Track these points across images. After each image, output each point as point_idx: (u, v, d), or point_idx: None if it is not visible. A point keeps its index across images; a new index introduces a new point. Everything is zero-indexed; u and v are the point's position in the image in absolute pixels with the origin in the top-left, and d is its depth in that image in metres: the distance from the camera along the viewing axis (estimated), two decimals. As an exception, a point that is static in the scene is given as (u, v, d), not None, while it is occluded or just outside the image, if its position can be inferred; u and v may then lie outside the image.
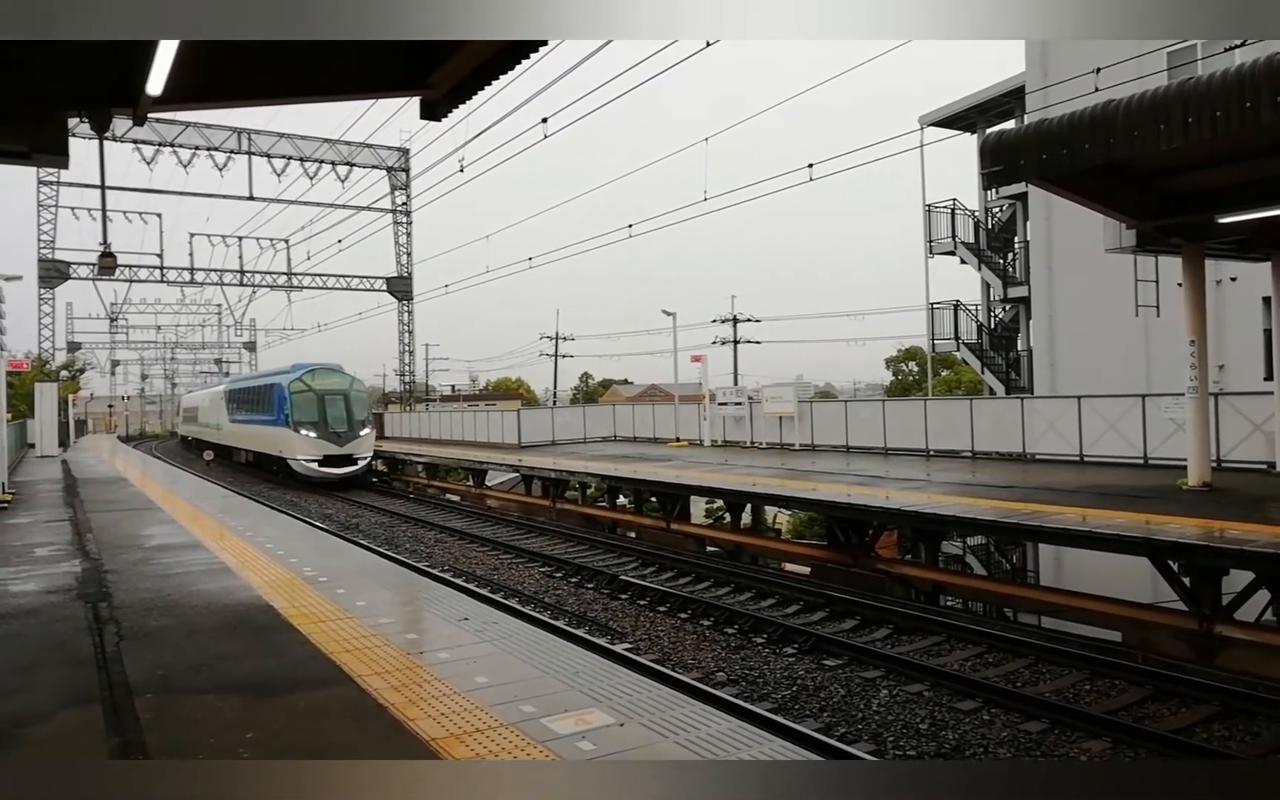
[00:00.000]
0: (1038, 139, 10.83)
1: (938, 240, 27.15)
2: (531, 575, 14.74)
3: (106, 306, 58.69)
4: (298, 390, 30.36)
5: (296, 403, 30.07)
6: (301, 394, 30.31)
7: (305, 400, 30.18)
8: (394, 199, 43.37)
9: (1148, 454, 16.17)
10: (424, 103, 8.49)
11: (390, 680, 5.47)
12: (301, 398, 30.25)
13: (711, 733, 4.56)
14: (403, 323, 44.73)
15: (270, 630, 6.74)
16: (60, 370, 48.79)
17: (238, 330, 65.26)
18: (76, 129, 14.27)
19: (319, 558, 9.90)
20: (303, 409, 29.96)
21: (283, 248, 42.08)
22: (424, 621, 7.17)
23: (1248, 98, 8.93)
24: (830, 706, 8.34)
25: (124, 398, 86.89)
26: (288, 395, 30.26)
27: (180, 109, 13.89)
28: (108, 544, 11.07)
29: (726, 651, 10.15)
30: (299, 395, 30.25)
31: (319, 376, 31.18)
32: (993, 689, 8.58)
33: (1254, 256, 14.55)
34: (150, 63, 6.40)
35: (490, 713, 4.89)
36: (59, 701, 5.23)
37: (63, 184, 38.44)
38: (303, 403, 30.14)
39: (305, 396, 30.27)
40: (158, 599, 7.85)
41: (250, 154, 37.90)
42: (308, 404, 30.12)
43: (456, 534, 19.22)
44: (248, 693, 5.30)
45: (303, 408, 30.01)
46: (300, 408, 29.99)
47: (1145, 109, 9.73)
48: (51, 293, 40.68)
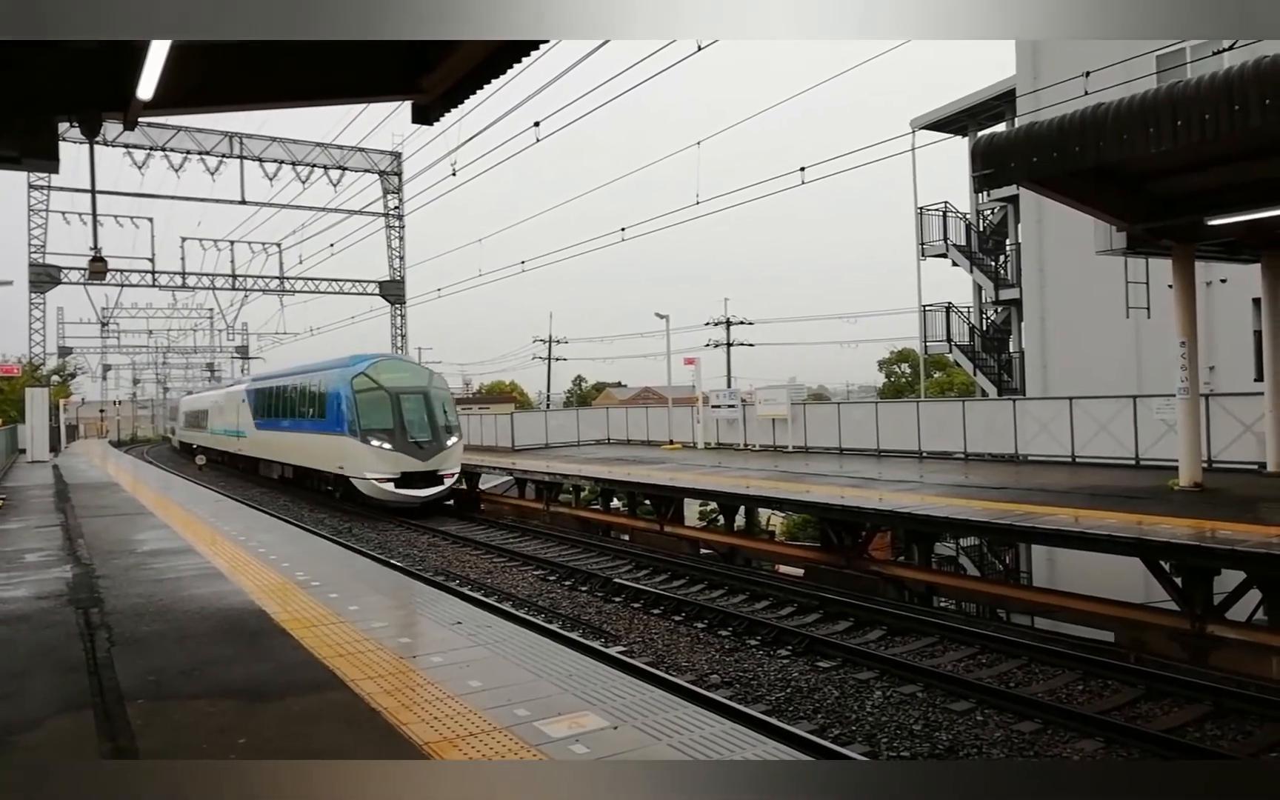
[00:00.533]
0: (1028, 142, 10.87)
1: (930, 243, 27.23)
2: (525, 578, 14.73)
3: (98, 311, 58.61)
4: (363, 388, 23.31)
5: (362, 404, 23.07)
6: (369, 393, 23.27)
7: (374, 401, 23.18)
8: (386, 203, 43.31)
9: (1139, 455, 16.23)
10: (416, 107, 8.50)
11: (383, 684, 5.46)
12: (369, 398, 23.23)
13: (705, 735, 4.57)
14: (395, 327, 44.65)
15: (263, 635, 6.72)
16: (51, 375, 48.60)
17: (230, 334, 65.16)
18: (67, 133, 14.21)
19: (312, 562, 9.87)
20: (371, 412, 23.00)
21: (275, 252, 41.97)
22: (417, 625, 7.16)
23: (1236, 101, 8.98)
24: (824, 708, 8.35)
25: (115, 402, 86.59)
26: (350, 394, 23.27)
27: (171, 113, 13.83)
28: (99, 549, 11.02)
29: (720, 654, 10.15)
30: (365, 395, 23.23)
31: (387, 370, 24.28)
32: (986, 690, 8.60)
33: (1243, 258, 14.63)
34: (141, 67, 6.39)
35: (484, 716, 4.88)
36: (50, 708, 5.21)
37: (53, 188, 38.28)
38: (371, 404, 23.15)
39: (374, 396, 23.23)
40: (149, 604, 7.82)
41: (242, 158, 37.80)
42: (377, 406, 23.12)
43: (450, 538, 19.20)
44: (240, 698, 5.28)
45: (371, 411, 23.04)
46: (368, 411, 23.02)
47: (1134, 112, 9.78)
48: (42, 297, 40.48)
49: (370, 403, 23.18)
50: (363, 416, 22.89)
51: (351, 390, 23.42)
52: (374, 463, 22.54)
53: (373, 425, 22.78)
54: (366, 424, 22.78)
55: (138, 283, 40.50)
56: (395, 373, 24.35)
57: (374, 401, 23.22)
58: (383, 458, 22.47)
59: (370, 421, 22.85)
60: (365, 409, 23.05)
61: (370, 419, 22.89)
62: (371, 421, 22.86)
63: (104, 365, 75.86)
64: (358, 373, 23.70)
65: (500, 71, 7.62)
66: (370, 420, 22.86)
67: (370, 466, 22.58)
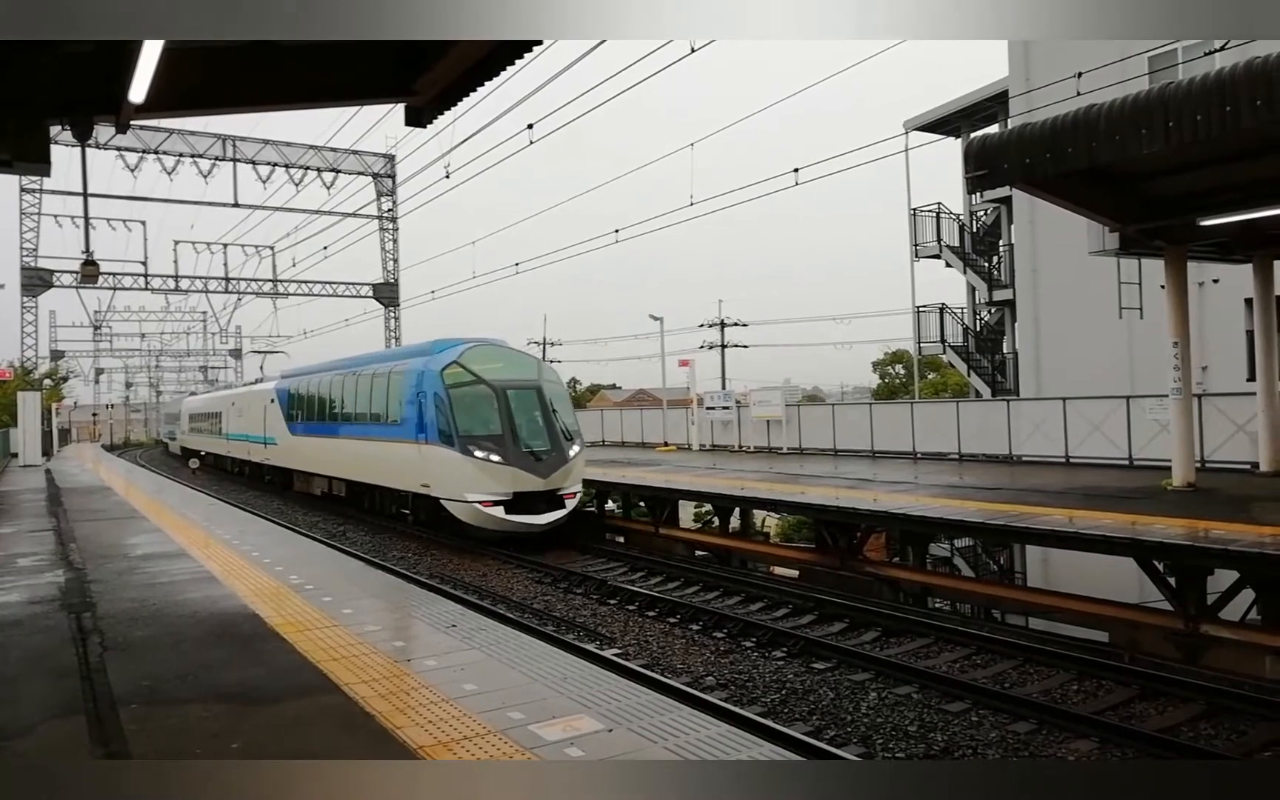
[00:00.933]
0: (1021, 143, 10.90)
1: (923, 244, 27.28)
2: (520, 580, 14.70)
3: (90, 314, 58.41)
4: (459, 382, 17.65)
5: (459, 403, 17.39)
6: (466, 389, 17.65)
7: (474, 399, 17.58)
8: (380, 205, 43.26)
9: (1133, 455, 16.28)
10: (409, 109, 8.51)
11: (377, 688, 5.45)
12: (467, 395, 17.60)
13: (701, 738, 4.56)
14: (389, 329, 44.59)
15: (256, 639, 6.70)
16: (43, 379, 48.43)
17: (223, 337, 65.05)
18: (59, 137, 14.15)
19: (305, 566, 9.84)
20: (473, 414, 17.38)
21: (268, 254, 41.93)
22: (411, 628, 7.14)
23: (1228, 102, 9.02)
24: (820, 710, 8.35)
25: (108, 406, 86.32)
26: (441, 391, 17.48)
27: (164, 116, 13.79)
28: (92, 553, 10.98)
29: (715, 655, 10.15)
30: (462, 391, 17.58)
31: (485, 358, 18.50)
32: (981, 690, 8.60)
33: (1236, 259, 14.68)
34: (133, 70, 6.37)
35: (478, 720, 4.87)
36: (42, 713, 5.18)
37: (45, 192, 38.20)
38: (471, 403, 17.54)
39: (473, 394, 17.63)
40: (142, 609, 7.79)
41: (235, 161, 37.73)
42: (479, 406, 17.53)
43: (443, 540, 19.16)
44: (233, 702, 5.26)
45: (472, 412, 17.42)
46: (468, 412, 17.38)
47: (1127, 113, 9.81)
48: (34, 301, 40.37)
49: (470, 402, 17.52)
50: (461, 420, 17.14)
51: (443, 385, 17.50)
52: (478, 481, 16.70)
53: (475, 431, 17.04)
54: (467, 429, 17.03)
55: (130, 286, 40.47)
56: (496, 362, 18.56)
57: (475, 400, 17.55)
58: (491, 474, 16.65)
59: (472, 426, 17.12)
60: (464, 410, 17.33)
61: (471, 423, 17.17)
62: (474, 426, 17.14)
63: (96, 369, 75.58)
64: (448, 363, 17.90)
65: (493, 74, 7.63)
66: (472, 424, 17.15)
67: (473, 485, 16.72)
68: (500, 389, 17.55)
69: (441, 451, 17.36)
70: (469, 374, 17.85)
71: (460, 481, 16.94)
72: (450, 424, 17.16)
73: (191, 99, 8.02)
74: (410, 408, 18.62)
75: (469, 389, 17.68)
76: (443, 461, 17.35)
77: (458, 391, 17.55)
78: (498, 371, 18.16)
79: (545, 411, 17.79)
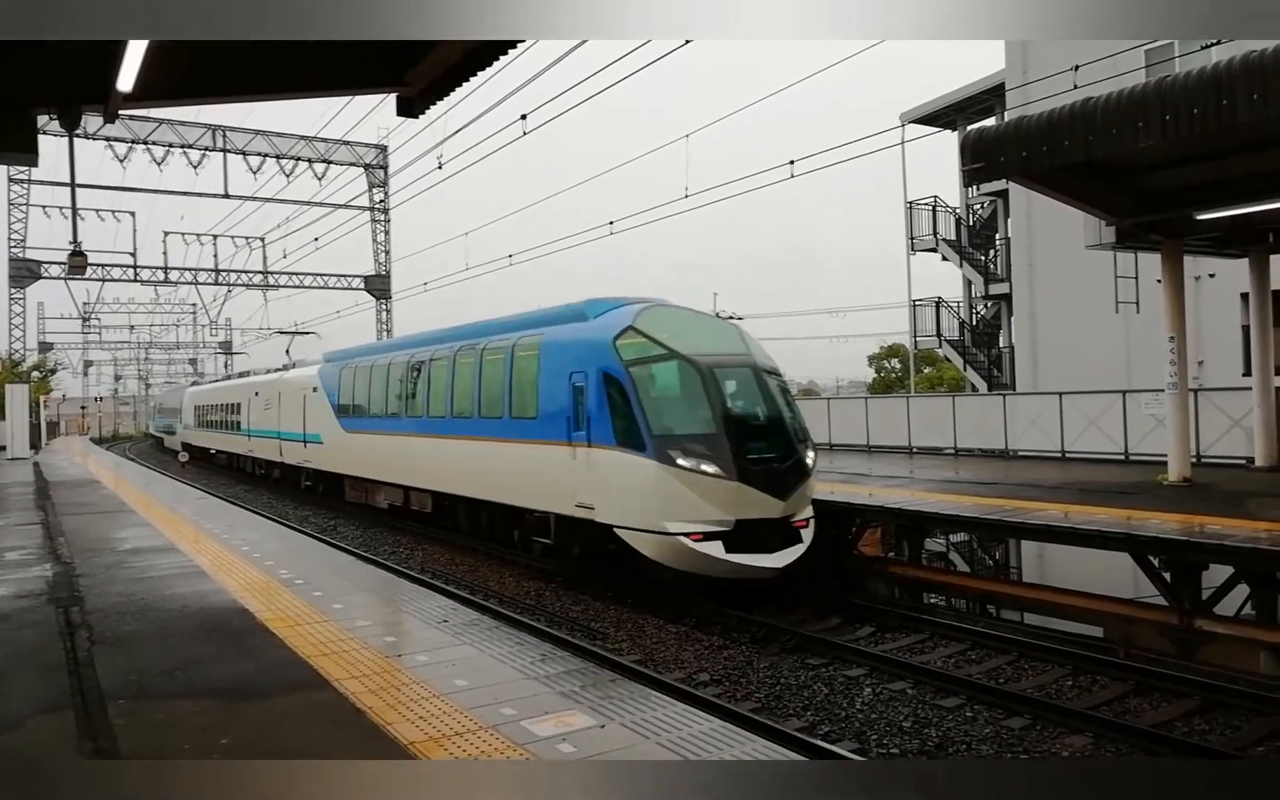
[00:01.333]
0: (1018, 136, 10.86)
1: (919, 237, 27.27)
2: (512, 576, 14.64)
3: (79, 306, 58.12)
4: (640, 356, 12.15)
5: (646, 387, 11.90)
6: (652, 365, 12.15)
7: (668, 382, 12.23)
8: (372, 196, 43.08)
9: (1129, 449, 16.29)
10: (400, 100, 8.42)
11: (368, 683, 5.39)
12: (656, 375, 12.17)
13: (693, 733, 4.51)
14: (381, 322, 44.42)
15: (245, 634, 6.63)
16: (32, 371, 48.17)
17: (213, 330, 64.75)
18: (46, 127, 14.05)
19: (296, 560, 9.77)
20: (668, 403, 11.96)
21: (258, 246, 41.71)
22: (402, 624, 7.08)
23: (1224, 95, 9.00)
24: (814, 705, 8.31)
25: (97, 399, 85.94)
26: (615, 367, 12.07)
27: (153, 106, 13.65)
28: (80, 547, 10.88)
29: (710, 651, 10.10)
30: (647, 369, 12.09)
31: (669, 322, 12.91)
32: (975, 686, 8.58)
33: (1231, 253, 14.68)
34: (121, 59, 6.28)
35: (470, 716, 4.81)
36: (30, 708, 5.12)
37: (33, 182, 37.92)
38: (663, 387, 12.19)
39: (665, 374, 12.24)
40: (131, 603, 7.71)
41: (225, 151, 37.50)
42: (678, 392, 12.15)
43: (435, 536, 19.08)
44: (222, 697, 5.20)
45: (668, 400, 12.01)
46: (661, 400, 11.93)
47: (1123, 106, 9.78)
48: (22, 292, 40.10)
49: (665, 386, 12.12)
50: (654, 413, 11.55)
51: (619, 361, 11.97)
52: (684, 503, 11.15)
53: (677, 429, 11.50)
54: (665, 427, 11.47)
55: (119, 277, 40.19)
56: (688, 329, 12.77)
57: (671, 383, 12.15)
58: (706, 493, 11.11)
59: (672, 422, 11.59)
60: (657, 398, 11.83)
61: (671, 417, 11.66)
62: (674, 422, 11.60)
63: (85, 361, 75.20)
64: (622, 329, 12.36)
65: (486, 65, 7.55)
66: (672, 420, 11.62)
67: (675, 509, 11.15)
68: (707, 369, 11.74)
69: (621, 458, 11.63)
70: (656, 346, 12.06)
71: (654, 503, 11.23)
72: (637, 418, 11.43)
73: (181, 88, 7.93)
74: (561, 394, 12.68)
75: (660, 367, 12.01)
76: (623, 473, 11.63)
77: (643, 370, 11.81)
78: (695, 343, 12.22)
79: (770, 402, 12.13)
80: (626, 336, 12.16)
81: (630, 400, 11.59)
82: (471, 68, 7.63)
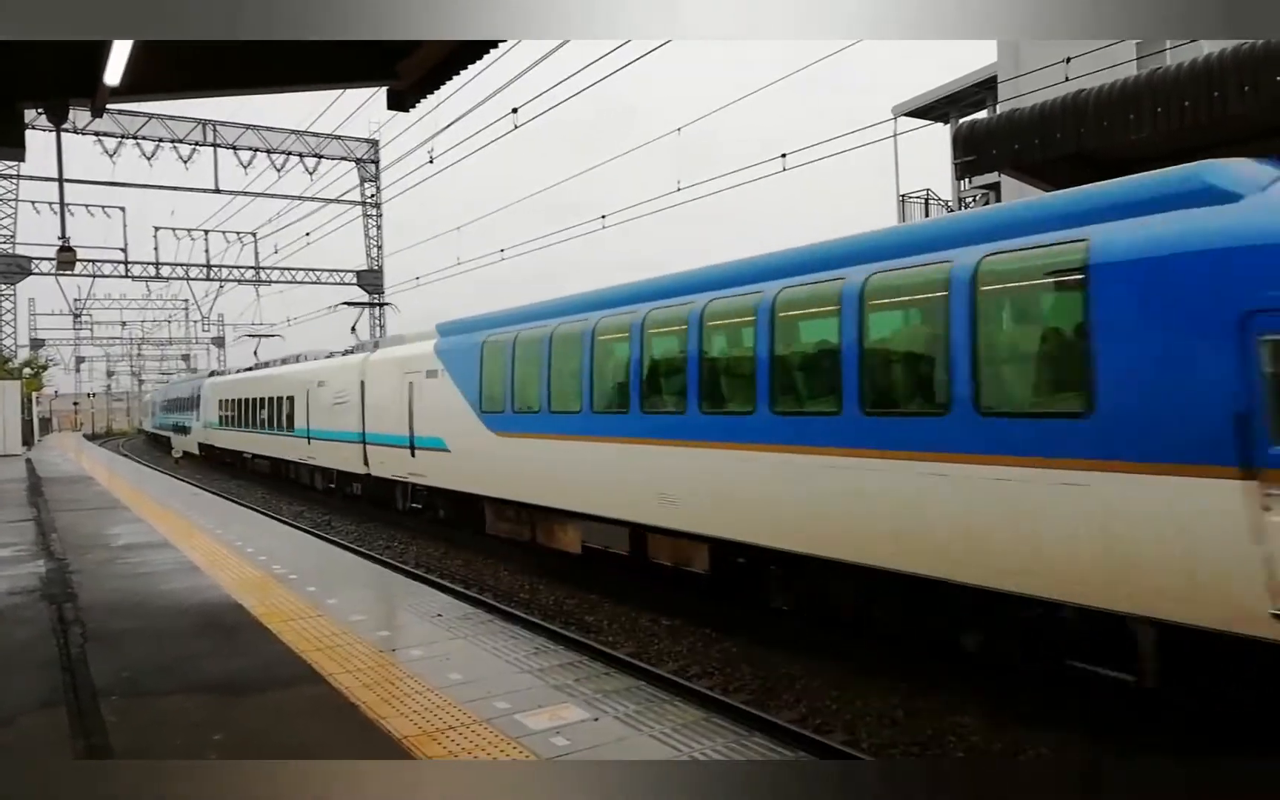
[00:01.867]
0: (1010, 129, 10.88)
1: (910, 231, 27.29)
2: (506, 570, 14.64)
3: (70, 302, 57.93)
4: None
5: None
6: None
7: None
8: (363, 191, 42.95)
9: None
10: (391, 93, 8.41)
11: (362, 678, 5.39)
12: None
13: (685, 723, 4.54)
14: (374, 316, 44.34)
15: (240, 629, 6.64)
16: (23, 367, 47.97)
17: (205, 325, 64.57)
18: (35, 121, 13.97)
19: (290, 556, 9.77)
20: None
21: (250, 241, 41.57)
22: (396, 618, 7.09)
23: (1215, 88, 9.02)
24: (806, 696, 8.33)
25: (89, 395, 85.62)
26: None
27: (141, 100, 13.61)
28: (73, 544, 10.86)
29: (704, 644, 10.12)
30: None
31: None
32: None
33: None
34: (108, 53, 6.26)
35: (463, 710, 4.83)
36: (23, 704, 5.11)
37: (23, 177, 37.71)
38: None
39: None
40: (124, 599, 7.71)
41: (216, 146, 37.33)
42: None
43: (430, 531, 19.09)
44: (216, 693, 5.20)
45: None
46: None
47: (1115, 99, 9.80)
48: (13, 288, 39.94)
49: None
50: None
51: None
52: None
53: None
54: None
55: (110, 273, 40.02)
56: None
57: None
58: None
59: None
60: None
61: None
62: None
63: (77, 357, 74.90)
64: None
65: (476, 58, 7.55)
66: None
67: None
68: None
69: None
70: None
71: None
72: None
73: (169, 82, 7.90)
74: (1198, 365, 6.05)
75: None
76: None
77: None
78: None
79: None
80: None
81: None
82: (463, 60, 7.63)
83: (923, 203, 27.10)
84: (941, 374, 7.61)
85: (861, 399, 8.23)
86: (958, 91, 26.70)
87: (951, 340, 7.44)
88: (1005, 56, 22.38)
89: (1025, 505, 6.85)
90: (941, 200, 27.57)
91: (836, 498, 8.48)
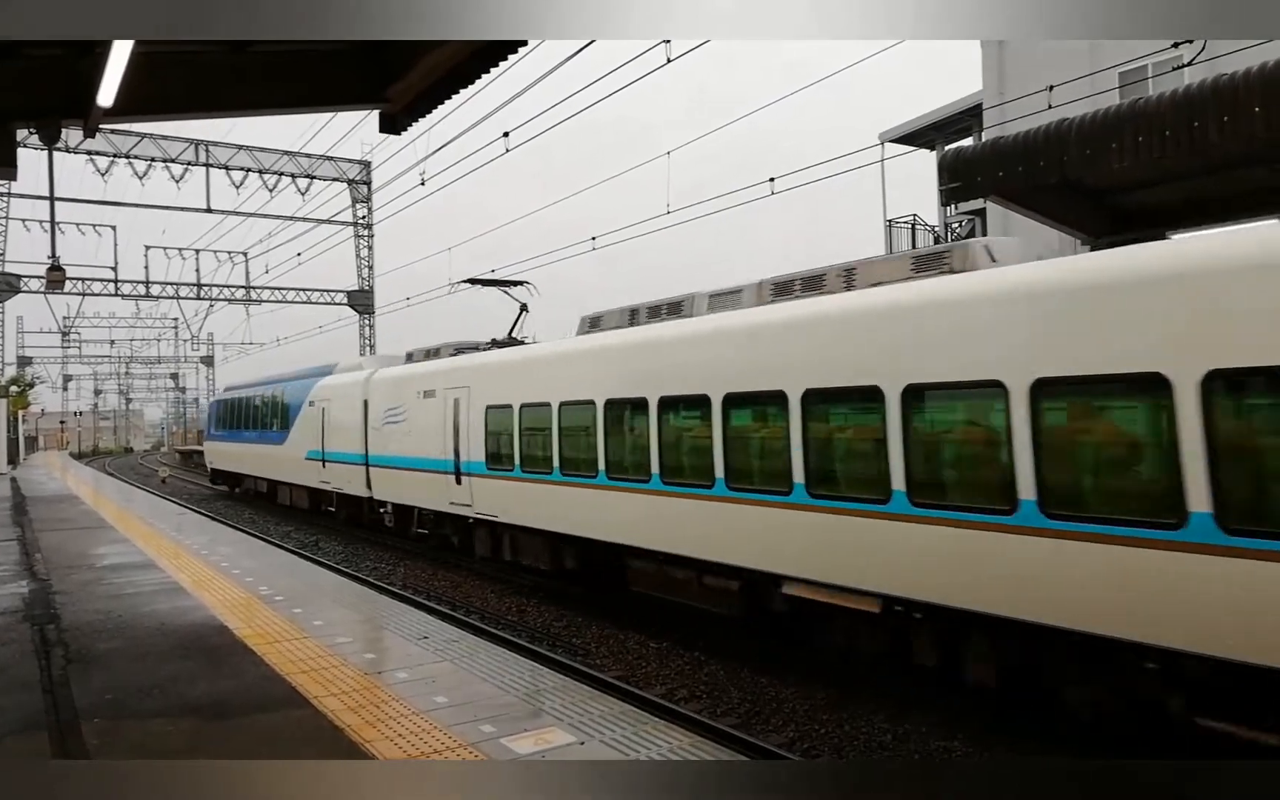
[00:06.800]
0: (994, 156, 11.00)
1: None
2: (494, 592, 14.60)
3: (59, 320, 57.71)
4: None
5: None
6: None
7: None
8: (355, 211, 42.99)
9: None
10: (383, 117, 8.47)
11: (347, 701, 5.38)
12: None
13: (674, 748, 4.53)
14: (364, 337, 44.27)
15: (224, 651, 6.61)
16: (10, 385, 47.67)
17: (195, 344, 64.39)
18: (26, 140, 13.97)
19: (276, 577, 9.73)
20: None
21: (241, 261, 41.52)
22: (383, 640, 7.07)
23: (1195, 117, 9.16)
24: (794, 720, 8.33)
25: (76, 413, 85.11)
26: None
27: (134, 120, 13.60)
28: (57, 564, 10.79)
29: (691, 667, 10.11)
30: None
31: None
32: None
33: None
34: (101, 73, 6.29)
35: (449, 733, 4.82)
36: (3, 726, 5.08)
37: (13, 195, 37.64)
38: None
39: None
40: (108, 620, 7.66)
41: (208, 166, 37.34)
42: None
43: (417, 552, 19.03)
44: (199, 716, 5.18)
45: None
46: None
47: (1097, 127, 9.93)
48: (1, 306, 39.77)
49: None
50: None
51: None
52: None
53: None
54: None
55: (100, 292, 39.87)
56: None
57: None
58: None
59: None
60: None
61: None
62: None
63: (65, 375, 74.49)
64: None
65: (467, 82, 7.61)
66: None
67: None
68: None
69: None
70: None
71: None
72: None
73: (162, 103, 7.94)
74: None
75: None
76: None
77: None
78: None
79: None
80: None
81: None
82: (454, 84, 7.69)
83: (909, 227, 27.31)
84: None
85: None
86: (943, 118, 26.98)
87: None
88: (990, 83, 22.64)
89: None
90: (928, 226, 27.79)
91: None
